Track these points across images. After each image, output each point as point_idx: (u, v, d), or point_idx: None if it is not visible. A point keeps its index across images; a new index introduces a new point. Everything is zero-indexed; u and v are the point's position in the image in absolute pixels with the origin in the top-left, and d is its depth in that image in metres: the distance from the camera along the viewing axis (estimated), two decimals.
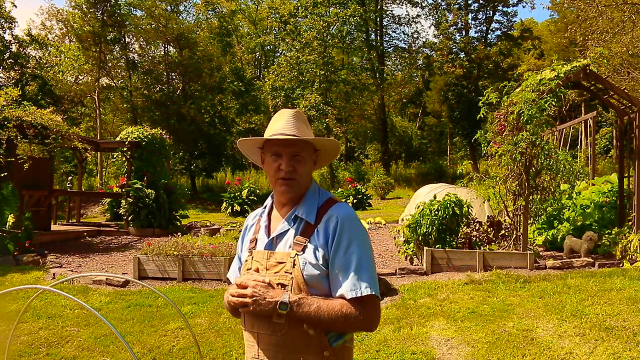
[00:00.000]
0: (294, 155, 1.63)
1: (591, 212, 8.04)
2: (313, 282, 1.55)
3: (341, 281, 1.53)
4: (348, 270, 1.53)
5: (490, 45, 29.47)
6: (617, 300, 5.15)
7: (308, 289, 1.54)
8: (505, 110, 7.25)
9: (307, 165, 1.66)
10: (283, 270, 1.57)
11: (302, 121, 1.68)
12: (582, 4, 13.89)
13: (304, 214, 1.63)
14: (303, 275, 1.54)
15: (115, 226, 12.87)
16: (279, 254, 1.61)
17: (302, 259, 1.56)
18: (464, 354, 4.05)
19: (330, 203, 1.65)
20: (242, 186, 16.98)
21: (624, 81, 13.99)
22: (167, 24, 23.44)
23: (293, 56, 23.31)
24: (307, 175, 1.68)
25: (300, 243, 1.59)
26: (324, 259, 1.56)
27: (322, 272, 1.55)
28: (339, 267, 1.54)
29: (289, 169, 1.62)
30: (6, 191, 8.52)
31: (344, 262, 1.54)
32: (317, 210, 1.63)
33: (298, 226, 1.63)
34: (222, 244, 7.37)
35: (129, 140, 12.45)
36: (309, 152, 1.67)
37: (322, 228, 1.59)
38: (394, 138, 33.90)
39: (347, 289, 1.52)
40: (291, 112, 1.68)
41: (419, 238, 7.33)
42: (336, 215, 1.60)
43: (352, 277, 1.52)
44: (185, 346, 4.34)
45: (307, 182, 1.68)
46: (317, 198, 1.67)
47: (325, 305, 1.50)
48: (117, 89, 25.87)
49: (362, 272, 1.53)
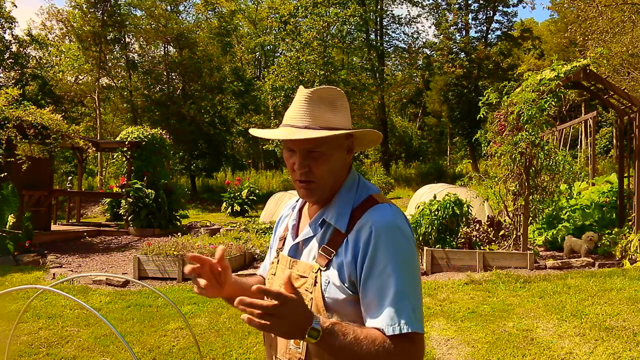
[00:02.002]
0: (309, 152, 1.26)
1: (591, 212, 8.04)
2: (335, 308, 1.23)
3: (376, 312, 1.18)
4: (384, 298, 1.18)
5: (491, 45, 29.49)
6: (617, 300, 5.15)
7: (327, 315, 1.21)
8: (505, 110, 7.25)
9: (330, 161, 1.28)
10: (303, 287, 1.26)
11: (325, 103, 1.28)
12: (582, 4, 13.90)
13: (332, 219, 1.28)
14: (324, 298, 1.23)
15: (115, 226, 12.87)
16: (302, 264, 1.30)
17: (324, 277, 1.24)
18: (464, 354, 4.05)
19: (369, 204, 1.27)
20: (242, 186, 16.98)
21: (624, 81, 14.00)
22: (167, 24, 23.46)
23: (293, 56, 23.30)
24: (333, 173, 1.30)
25: (326, 256, 1.26)
26: (350, 281, 1.22)
27: (347, 296, 1.23)
28: (373, 293, 1.19)
29: (303, 169, 1.27)
30: (6, 191, 8.53)
31: (379, 287, 1.19)
32: (350, 214, 1.28)
33: (324, 233, 1.30)
34: (222, 244, 7.37)
35: (129, 140, 12.47)
36: (333, 143, 1.28)
37: (353, 239, 1.23)
38: (394, 138, 33.90)
39: (383, 323, 1.16)
40: (306, 94, 1.29)
41: (419, 238, 7.34)
42: (371, 223, 1.22)
43: (388, 307, 1.17)
44: (185, 346, 4.34)
45: (334, 180, 1.31)
46: (354, 196, 1.30)
47: (364, 336, 1.13)
48: (117, 89, 25.88)
49: (401, 302, 1.17)
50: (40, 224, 10.54)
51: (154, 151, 12.73)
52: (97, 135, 24.13)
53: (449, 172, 26.87)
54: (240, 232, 9.97)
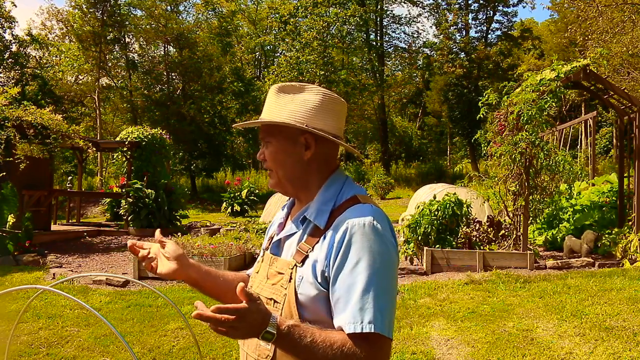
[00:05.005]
0: (264, 141, 1.34)
1: (591, 212, 8.05)
2: (308, 304, 1.22)
3: (342, 310, 1.18)
4: (350, 295, 1.17)
5: (491, 45, 29.49)
6: (617, 300, 5.15)
7: (300, 311, 1.22)
8: (505, 110, 7.26)
9: (278, 152, 1.31)
10: (279, 283, 1.27)
11: (287, 95, 1.32)
12: (582, 4, 13.90)
13: (312, 215, 1.29)
14: (297, 294, 1.23)
15: (115, 226, 12.87)
16: (281, 261, 1.31)
17: (299, 273, 1.24)
18: (464, 354, 4.05)
19: (350, 203, 1.28)
20: (242, 186, 16.98)
21: (624, 81, 14.00)
22: (167, 24, 23.45)
23: (293, 56, 23.31)
24: (283, 166, 1.32)
25: (302, 252, 1.26)
26: (323, 277, 1.22)
27: (319, 292, 1.22)
28: (341, 290, 1.18)
29: (260, 157, 1.35)
30: (6, 191, 8.52)
31: (347, 284, 1.18)
32: (330, 212, 1.28)
33: (305, 230, 1.30)
34: (222, 244, 7.38)
35: (129, 140, 12.46)
36: (284, 135, 1.31)
37: (329, 236, 1.24)
38: (394, 138, 33.91)
39: (345, 321, 1.16)
40: (273, 89, 1.35)
41: (419, 238, 7.33)
42: (347, 221, 1.22)
43: (354, 305, 1.16)
44: (185, 346, 4.34)
45: (300, 174, 1.32)
46: (336, 195, 1.32)
47: (322, 339, 1.13)
48: (117, 89, 25.88)
49: (367, 301, 1.15)
50: (40, 224, 10.53)
51: (154, 151, 12.73)
52: (97, 135, 24.13)
53: (449, 172, 26.84)
54: (240, 232, 9.98)
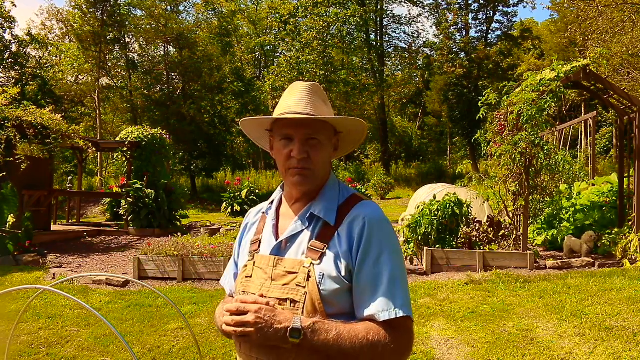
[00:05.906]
0: (308, 139, 1.32)
1: (591, 212, 8.04)
2: (331, 299, 1.26)
3: (370, 300, 1.25)
4: (378, 286, 1.25)
5: (491, 45, 29.50)
6: (617, 300, 5.15)
7: (324, 308, 1.25)
8: (505, 110, 7.26)
9: (324, 151, 1.35)
10: (294, 282, 1.28)
11: (320, 96, 1.38)
12: (582, 4, 13.90)
13: (322, 213, 1.33)
14: (320, 291, 1.25)
15: (115, 226, 12.87)
16: (289, 261, 1.32)
17: (318, 270, 1.27)
18: (464, 354, 4.05)
19: (355, 201, 1.36)
20: (242, 186, 16.97)
21: (624, 81, 14.00)
22: (167, 24, 23.44)
23: (293, 56, 23.30)
24: (326, 164, 1.37)
25: (317, 249, 1.29)
26: (347, 271, 1.27)
27: (343, 286, 1.27)
28: (367, 282, 1.26)
29: (302, 156, 1.31)
30: (6, 191, 8.52)
31: (374, 276, 1.26)
32: (337, 209, 1.34)
33: (314, 228, 1.34)
34: (222, 244, 7.38)
35: (129, 140, 12.47)
36: (327, 135, 1.36)
37: (345, 231, 1.30)
38: (394, 138, 33.91)
39: (378, 309, 1.23)
40: (306, 86, 1.37)
41: (419, 238, 7.33)
42: (363, 216, 1.30)
43: (384, 294, 1.24)
44: (185, 346, 4.34)
45: (325, 172, 1.38)
46: (338, 193, 1.38)
47: (347, 331, 1.20)
48: (117, 89, 25.87)
49: (396, 289, 1.25)
50: (40, 224, 10.53)
51: (154, 151, 12.73)
52: (97, 135, 24.13)
53: (449, 172, 26.84)
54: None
